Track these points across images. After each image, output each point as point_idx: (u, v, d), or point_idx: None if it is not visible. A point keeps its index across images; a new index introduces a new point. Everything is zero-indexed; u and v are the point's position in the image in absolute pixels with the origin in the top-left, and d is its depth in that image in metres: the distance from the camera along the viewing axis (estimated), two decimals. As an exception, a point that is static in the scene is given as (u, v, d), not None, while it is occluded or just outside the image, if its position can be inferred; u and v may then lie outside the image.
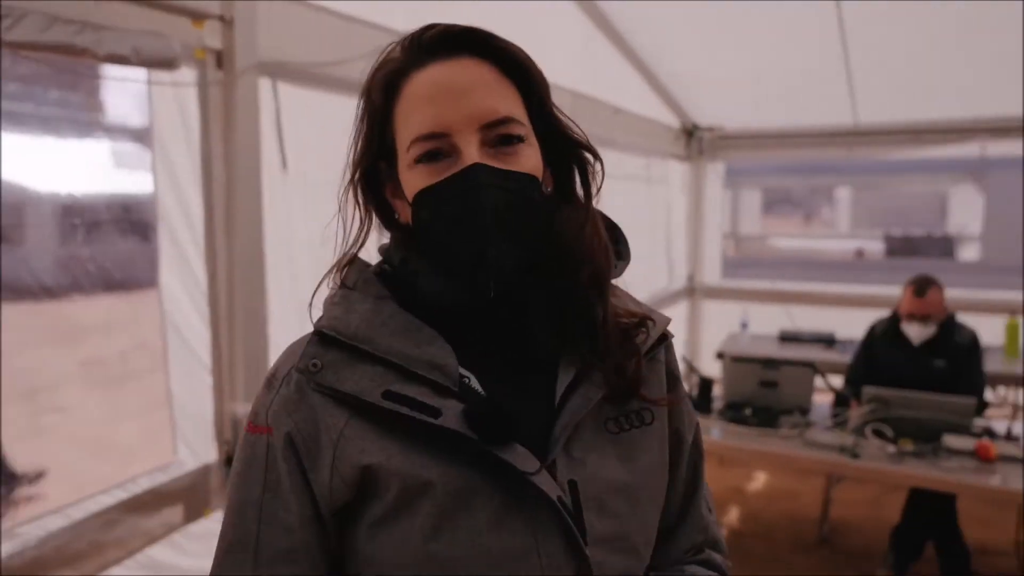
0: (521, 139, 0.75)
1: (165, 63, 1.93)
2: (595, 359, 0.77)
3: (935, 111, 5.28)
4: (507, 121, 0.74)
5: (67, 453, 2.23)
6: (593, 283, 0.78)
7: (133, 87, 2.02)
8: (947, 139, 5.52)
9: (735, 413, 3.16)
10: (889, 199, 18.70)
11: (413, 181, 0.75)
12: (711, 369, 5.51)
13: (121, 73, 1.89)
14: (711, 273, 6.41)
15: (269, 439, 0.73)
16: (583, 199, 0.81)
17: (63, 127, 2.00)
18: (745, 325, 5.11)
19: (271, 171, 2.29)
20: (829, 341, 4.76)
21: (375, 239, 0.85)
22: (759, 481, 4.51)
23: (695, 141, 6.07)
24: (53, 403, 2.16)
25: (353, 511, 0.74)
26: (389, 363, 0.73)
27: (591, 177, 0.82)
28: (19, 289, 1.82)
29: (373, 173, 0.80)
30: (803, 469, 3.86)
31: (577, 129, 0.81)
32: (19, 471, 2.09)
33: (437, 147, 0.73)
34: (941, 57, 4.34)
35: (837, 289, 6.34)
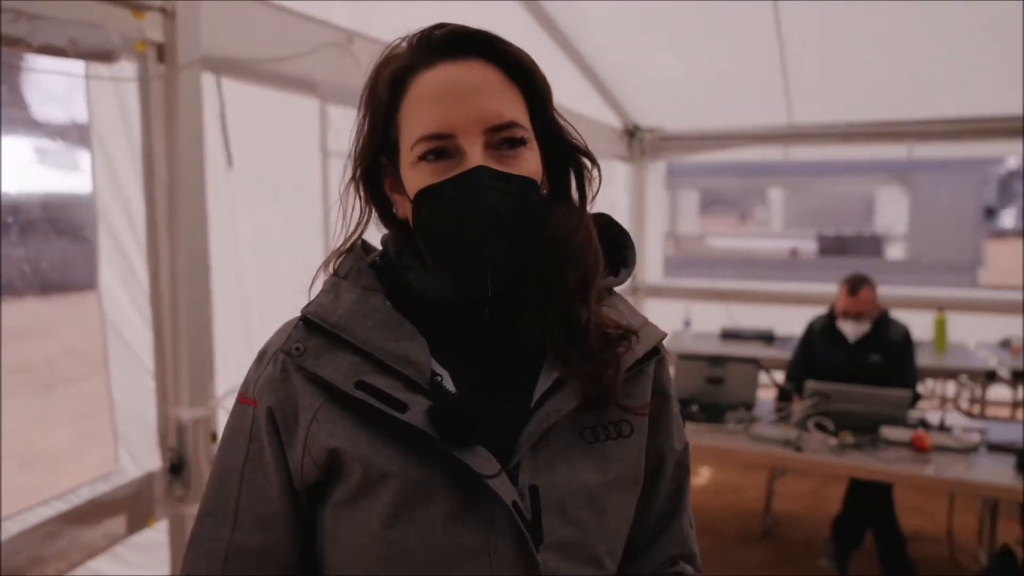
0: (524, 143, 0.77)
1: (104, 56, 1.86)
2: (575, 361, 0.78)
3: (866, 113, 5.46)
4: (511, 125, 0.76)
5: (-3, 464, 2.12)
6: (579, 286, 0.79)
7: (69, 81, 1.93)
8: (877, 140, 5.71)
9: (683, 409, 3.18)
10: (819, 199, 19.27)
11: (415, 179, 0.76)
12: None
13: (57, 66, 1.80)
14: (653, 272, 6.51)
15: (254, 412, 0.78)
16: (577, 203, 0.83)
17: (-8, 122, 1.90)
18: (688, 323, 5.20)
19: (215, 169, 2.22)
20: (768, 338, 4.87)
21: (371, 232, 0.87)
22: (703, 476, 4.59)
23: (637, 142, 6.16)
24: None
25: (323, 490, 0.77)
26: (367, 354, 0.75)
27: (587, 182, 0.84)
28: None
29: (373, 167, 0.81)
30: (749, 463, 3.95)
31: (576, 134, 0.83)
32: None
33: (442, 147, 0.75)
34: (872, 60, 4.49)
35: (774, 287, 6.51)
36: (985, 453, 2.82)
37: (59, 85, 1.99)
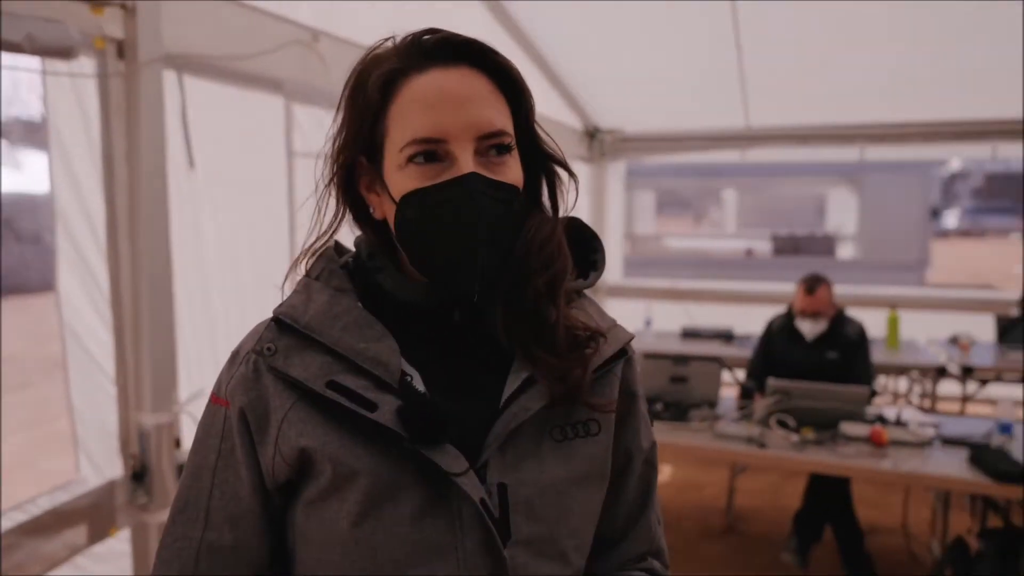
0: (510, 151, 0.79)
1: (62, 52, 1.81)
2: (543, 361, 0.79)
3: (820, 116, 5.59)
4: (500, 134, 0.77)
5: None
6: (548, 289, 0.80)
7: (25, 77, 1.87)
8: (831, 142, 5.84)
9: (648, 408, 3.23)
10: (772, 200, 19.66)
11: (403, 181, 0.76)
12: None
13: (13, 62, 1.74)
14: (613, 272, 6.55)
15: (226, 411, 0.78)
16: (551, 211, 0.85)
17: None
18: (649, 323, 5.25)
19: (177, 169, 2.17)
20: (728, 336, 4.95)
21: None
22: (665, 474, 4.64)
23: (597, 143, 6.20)
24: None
25: (294, 489, 0.78)
26: (337, 354, 0.76)
27: (560, 191, 0.85)
28: None
29: (351, 167, 0.81)
30: (714, 460, 4.00)
31: (555, 146, 0.85)
32: None
33: (432, 151, 0.75)
34: (826, 64, 4.59)
35: (732, 287, 6.61)
36: (939, 447, 2.90)
37: (14, 82, 1.92)
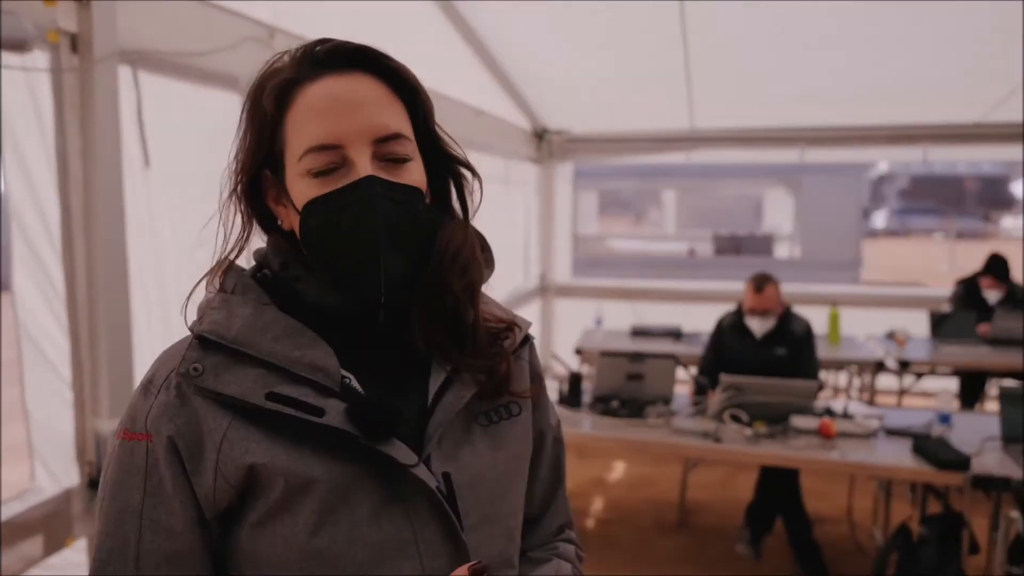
0: (408, 154, 0.79)
1: (16, 45, 1.75)
2: (465, 361, 0.82)
3: (762, 119, 5.74)
4: (398, 137, 0.78)
5: None
6: (467, 293, 0.83)
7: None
8: (772, 145, 6.01)
9: (604, 406, 3.28)
10: (710, 201, 20.12)
11: (304, 190, 0.77)
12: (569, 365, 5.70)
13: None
14: (562, 272, 6.61)
15: (149, 445, 0.74)
16: (460, 214, 0.86)
17: None
18: (600, 321, 5.31)
19: (132, 167, 2.11)
20: (676, 334, 5.04)
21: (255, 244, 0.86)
22: (618, 471, 4.71)
23: (545, 144, 6.25)
24: None
25: (235, 512, 0.75)
26: (271, 366, 0.75)
27: (468, 193, 0.86)
28: None
29: (256, 180, 0.81)
30: (671, 455, 4.06)
31: (457, 148, 0.86)
32: None
33: (330, 158, 0.76)
34: (769, 69, 4.72)
35: (680, 285, 6.74)
36: (883, 437, 3.02)
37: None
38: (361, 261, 0.75)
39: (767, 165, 12.21)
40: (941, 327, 4.81)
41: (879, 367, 4.55)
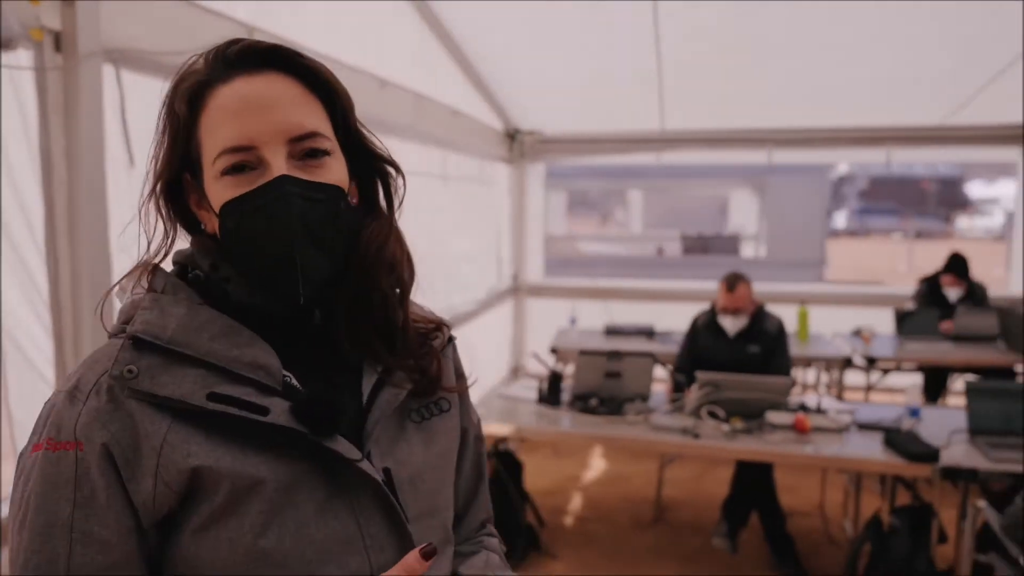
0: (327, 153, 0.78)
1: (3, 43, 1.72)
2: (396, 361, 0.83)
3: (730, 120, 5.83)
4: (314, 135, 0.77)
5: None
6: (394, 291, 0.83)
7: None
8: (742, 146, 6.10)
9: (583, 403, 3.32)
10: (676, 202, 20.35)
11: (220, 192, 0.76)
12: (540, 365, 5.72)
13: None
14: (534, 272, 6.65)
15: (78, 454, 0.70)
16: (386, 212, 0.86)
17: None
18: (574, 321, 5.35)
19: (116, 167, 2.09)
20: (650, 333, 5.11)
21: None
22: (594, 468, 4.75)
23: (517, 144, 6.27)
24: None
25: (176, 518, 0.73)
26: (210, 365, 0.74)
27: (393, 190, 0.86)
28: None
29: (177, 184, 0.81)
30: (650, 452, 4.11)
31: (380, 144, 0.86)
32: None
33: (244, 159, 0.75)
34: (739, 70, 4.79)
35: (651, 285, 6.82)
36: (856, 432, 3.10)
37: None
38: (277, 261, 0.75)
39: (733, 166, 12.40)
40: (905, 324, 4.94)
41: (847, 363, 4.66)
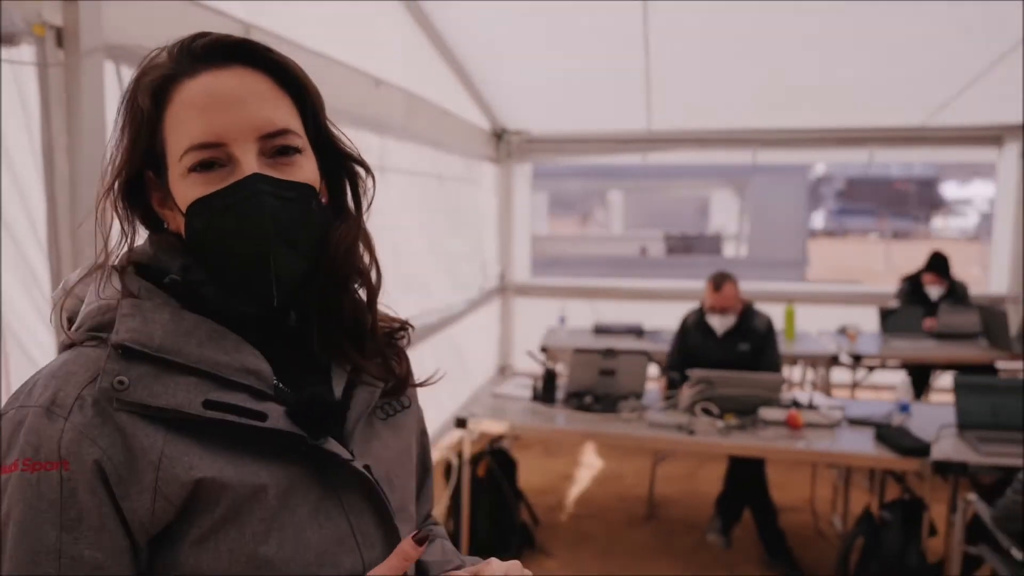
0: (298, 150, 0.76)
1: (5, 38, 1.71)
2: (363, 361, 0.83)
3: (716, 121, 5.89)
4: (284, 132, 0.75)
5: None
6: (368, 297, 0.83)
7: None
8: (727, 146, 6.16)
9: (578, 401, 3.34)
10: (657, 202, 20.46)
11: (187, 191, 0.73)
12: (528, 364, 5.73)
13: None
14: (521, 272, 6.66)
15: (63, 475, 0.66)
16: (355, 212, 0.84)
17: None
18: (563, 320, 5.37)
19: (118, 164, 2.08)
20: (638, 332, 5.13)
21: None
22: (585, 467, 4.77)
23: (504, 144, 6.29)
24: None
25: (172, 532, 0.70)
26: (201, 373, 0.71)
27: (362, 191, 0.84)
28: None
29: (138, 182, 0.77)
30: (646, 448, 4.14)
31: (350, 143, 0.83)
32: None
33: (212, 156, 0.72)
34: (726, 71, 4.84)
35: (637, 284, 6.86)
36: (847, 427, 3.14)
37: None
38: (250, 262, 0.73)
39: (714, 166, 12.50)
40: (889, 322, 5.01)
41: (833, 361, 4.72)
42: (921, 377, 5.13)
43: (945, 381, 5.30)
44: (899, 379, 5.01)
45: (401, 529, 0.81)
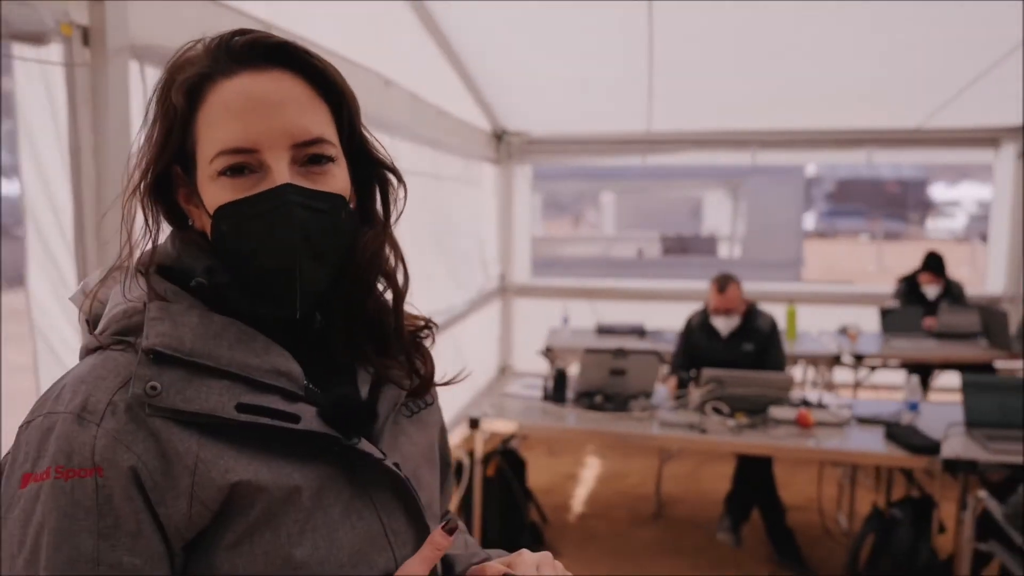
0: (331, 159, 0.75)
1: (35, 37, 1.70)
2: (386, 362, 0.82)
3: (716, 123, 5.91)
4: (319, 141, 0.74)
5: None
6: (394, 302, 0.83)
7: None
8: (727, 147, 6.19)
9: (589, 401, 3.35)
10: (650, 203, 20.52)
11: (215, 194, 0.73)
12: (528, 364, 5.76)
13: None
14: (521, 272, 6.68)
15: (98, 481, 0.65)
16: (383, 219, 0.83)
17: None
18: (566, 320, 5.38)
19: (142, 164, 2.08)
20: (641, 332, 5.15)
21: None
22: (590, 466, 4.79)
23: (504, 145, 6.30)
24: None
25: (207, 536, 0.70)
26: (233, 376, 0.71)
27: (392, 200, 0.83)
28: None
29: (164, 177, 0.76)
30: (656, 447, 4.15)
31: (383, 150, 0.82)
32: None
33: (244, 161, 0.71)
34: (726, 74, 4.87)
35: (637, 285, 6.89)
36: (856, 426, 3.17)
37: None
38: (276, 273, 0.72)
39: (706, 167, 12.54)
40: (889, 322, 5.05)
41: (835, 361, 4.75)
42: (921, 377, 5.17)
43: (944, 380, 5.36)
44: (900, 379, 5.11)
45: (431, 526, 0.81)
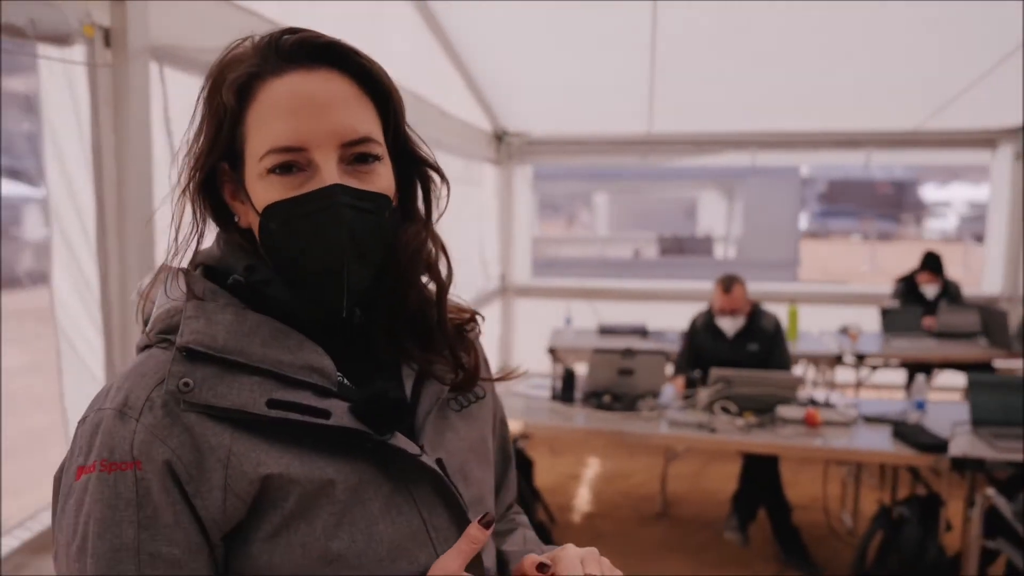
0: (378, 158, 0.76)
1: (60, 38, 1.71)
2: (430, 357, 0.83)
3: (716, 124, 5.94)
4: (367, 140, 0.75)
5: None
6: (437, 298, 0.84)
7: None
8: (725, 149, 6.22)
9: (598, 400, 3.37)
10: (643, 204, 20.56)
11: (264, 192, 0.74)
12: (529, 364, 5.76)
13: (16, 48, 1.63)
14: (521, 273, 6.69)
15: (137, 474, 0.68)
16: (424, 216, 0.84)
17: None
18: (569, 321, 5.40)
19: (161, 164, 2.08)
20: (643, 332, 5.17)
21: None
22: (593, 466, 4.80)
23: (505, 145, 6.31)
24: None
25: (244, 528, 0.72)
26: (265, 372, 0.72)
27: (434, 198, 0.85)
28: None
29: (212, 174, 0.77)
30: (663, 446, 4.17)
31: (427, 149, 0.83)
32: None
33: (293, 160, 0.73)
34: (727, 76, 4.89)
35: (638, 285, 6.92)
36: (863, 425, 3.20)
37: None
38: (323, 272, 0.73)
39: (702, 168, 12.54)
40: (889, 321, 5.08)
41: (837, 361, 4.79)
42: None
43: (943, 380, 5.40)
44: (900, 378, 5.15)
45: None
